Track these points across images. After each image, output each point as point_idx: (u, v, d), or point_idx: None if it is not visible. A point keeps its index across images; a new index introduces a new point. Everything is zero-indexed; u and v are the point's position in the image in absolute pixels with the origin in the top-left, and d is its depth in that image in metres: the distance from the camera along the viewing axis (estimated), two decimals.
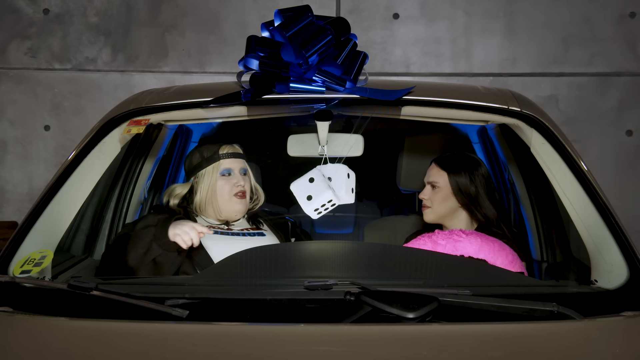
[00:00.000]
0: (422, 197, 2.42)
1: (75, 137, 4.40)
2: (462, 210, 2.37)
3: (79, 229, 2.38)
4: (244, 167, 2.39)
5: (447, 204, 2.36)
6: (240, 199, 2.33)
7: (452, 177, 2.35)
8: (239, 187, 2.33)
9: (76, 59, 4.57)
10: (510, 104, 2.24)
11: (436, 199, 2.37)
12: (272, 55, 2.17)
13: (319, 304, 1.58)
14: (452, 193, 2.35)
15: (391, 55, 4.55)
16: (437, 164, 2.41)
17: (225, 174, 2.34)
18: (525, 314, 1.55)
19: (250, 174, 2.42)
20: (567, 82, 4.48)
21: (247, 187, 2.37)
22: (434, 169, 2.41)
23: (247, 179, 2.39)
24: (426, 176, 2.43)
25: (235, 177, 2.35)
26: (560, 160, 2.03)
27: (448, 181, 2.36)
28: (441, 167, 2.38)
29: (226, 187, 2.32)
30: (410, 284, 1.68)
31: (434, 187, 2.38)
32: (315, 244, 2.29)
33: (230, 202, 2.32)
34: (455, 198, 2.35)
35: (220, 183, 2.33)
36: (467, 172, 2.35)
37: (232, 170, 2.36)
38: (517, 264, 2.09)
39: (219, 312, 1.60)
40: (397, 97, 2.18)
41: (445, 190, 2.36)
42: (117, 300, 1.58)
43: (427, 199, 2.39)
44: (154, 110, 2.28)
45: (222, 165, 2.35)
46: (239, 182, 2.34)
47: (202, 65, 4.57)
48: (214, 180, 2.33)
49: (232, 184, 2.33)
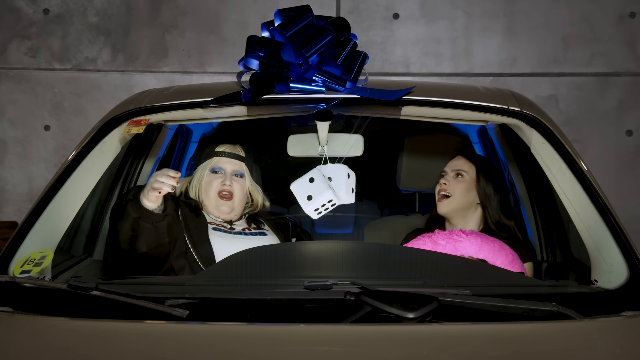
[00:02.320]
0: (442, 183, 2.35)
1: (75, 137, 4.40)
2: (478, 208, 2.34)
3: (79, 229, 2.38)
4: (239, 169, 2.37)
5: (468, 196, 2.32)
6: (225, 200, 2.32)
7: (480, 170, 2.32)
8: (225, 187, 2.32)
9: (76, 59, 4.57)
10: (510, 104, 2.24)
11: (459, 188, 2.32)
12: (272, 55, 2.17)
13: (319, 304, 1.58)
14: (476, 186, 2.32)
15: (391, 55, 4.55)
16: (464, 156, 2.38)
17: (215, 171, 2.35)
18: (525, 314, 1.55)
19: (248, 178, 2.39)
20: (567, 82, 4.48)
21: (237, 190, 2.34)
22: (461, 160, 2.37)
23: (239, 182, 2.36)
24: (448, 166, 2.39)
25: (225, 177, 2.34)
26: (560, 160, 2.03)
27: (475, 173, 2.32)
28: (469, 160, 2.36)
29: (213, 184, 2.32)
30: (410, 284, 1.68)
31: (459, 174, 2.34)
32: (315, 244, 2.29)
33: (215, 200, 2.32)
34: (477, 192, 2.32)
35: (208, 179, 2.33)
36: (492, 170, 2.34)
37: (223, 169, 2.35)
38: (517, 264, 2.09)
39: (219, 312, 1.60)
40: (397, 97, 2.18)
41: (470, 181, 2.32)
42: (117, 300, 1.58)
43: (449, 185, 2.33)
44: (154, 110, 2.28)
45: (214, 163, 2.35)
46: (225, 181, 2.33)
47: (202, 65, 4.57)
48: (204, 176, 2.34)
49: (219, 183, 2.32)
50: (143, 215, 2.04)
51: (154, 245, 2.06)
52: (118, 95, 4.29)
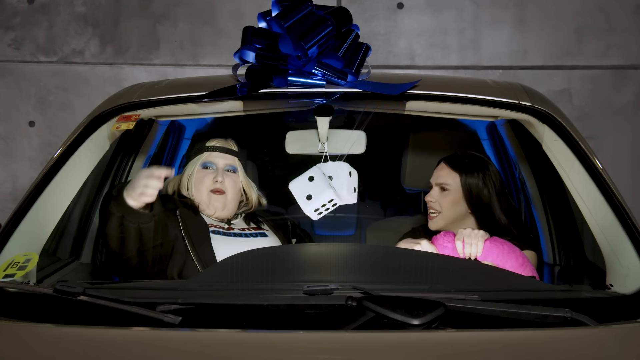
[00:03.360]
0: (428, 200, 2.36)
1: (62, 133, 4.39)
2: (471, 217, 2.32)
3: (65, 230, 2.38)
4: (232, 164, 2.38)
5: (457, 208, 2.31)
6: (217, 195, 2.32)
7: (464, 179, 2.30)
8: (217, 183, 2.32)
9: (62, 51, 4.57)
10: (520, 99, 2.24)
11: (446, 203, 2.31)
12: (270, 47, 2.17)
13: (319, 310, 1.58)
14: (463, 197, 2.30)
15: (395, 47, 4.54)
16: (447, 163, 2.35)
17: (207, 167, 2.35)
18: (536, 320, 1.55)
19: (241, 174, 2.40)
20: (581, 75, 4.47)
21: (230, 186, 2.34)
22: (443, 170, 2.35)
23: (232, 177, 2.36)
24: (433, 177, 2.38)
25: (217, 172, 2.34)
26: (574, 157, 2.03)
27: (459, 183, 2.30)
28: (452, 168, 2.33)
29: (204, 180, 2.32)
30: (416, 289, 1.68)
31: (444, 189, 2.32)
32: (315, 246, 2.29)
33: (208, 197, 2.32)
34: (465, 202, 2.31)
35: (199, 175, 2.34)
36: (480, 172, 2.30)
37: (214, 164, 2.35)
38: (527, 267, 2.09)
39: (214, 319, 1.60)
40: (401, 92, 2.18)
41: (455, 193, 2.30)
42: (105, 305, 1.57)
43: (435, 201, 2.33)
44: (145, 105, 2.28)
45: (205, 158, 2.35)
46: (217, 177, 2.33)
47: (195, 57, 4.57)
48: (194, 172, 2.34)
49: (211, 179, 2.32)
50: (127, 215, 1.97)
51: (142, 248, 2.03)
52: (107, 89, 4.28)
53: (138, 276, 2.05)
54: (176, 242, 2.15)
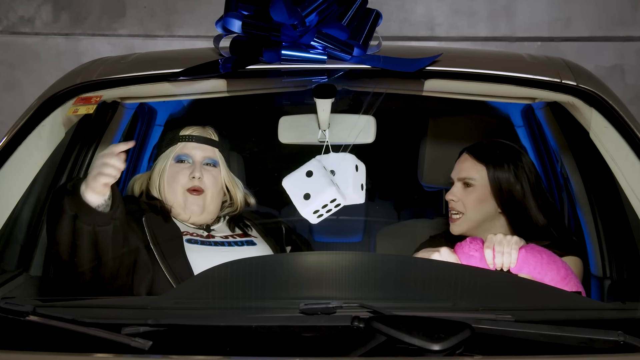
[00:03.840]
0: (450, 199, 2.37)
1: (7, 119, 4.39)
2: (502, 217, 2.33)
3: (11, 236, 2.38)
4: (211, 156, 2.37)
5: (483, 208, 2.32)
6: (195, 195, 2.32)
7: (492, 172, 2.30)
8: (194, 180, 2.31)
9: (8, 20, 4.57)
10: (563, 77, 2.24)
11: (470, 202, 2.32)
12: (259, 14, 2.17)
13: (319, 333, 1.58)
14: (492, 194, 2.31)
15: (411, 13, 4.55)
16: (471, 154, 2.36)
17: (181, 160, 2.34)
18: (582, 345, 1.55)
19: (223, 167, 2.39)
20: (636, 48, 4.48)
21: (209, 184, 2.33)
22: (467, 162, 2.36)
23: (212, 172, 2.35)
24: (455, 171, 2.39)
25: (193, 166, 2.33)
26: (628, 148, 2.03)
27: (487, 177, 2.31)
28: (477, 159, 2.34)
29: (179, 177, 2.31)
30: (436, 307, 1.68)
31: (468, 184, 2.33)
32: (314, 255, 2.30)
33: (183, 198, 2.31)
34: (494, 200, 2.32)
35: (172, 171, 2.33)
36: (512, 164, 2.31)
37: (190, 157, 2.34)
38: (571, 281, 2.09)
39: (190, 343, 1.60)
40: (418, 68, 2.18)
41: (482, 189, 2.31)
42: (60, 327, 1.58)
43: (458, 201, 2.34)
44: (108, 85, 2.28)
45: (179, 149, 2.35)
46: (194, 173, 2.31)
47: (169, 27, 4.57)
48: (166, 167, 2.34)
49: (187, 175, 2.31)
50: (82, 214, 1.93)
51: (98, 256, 1.99)
52: (62, 65, 4.28)
53: (97, 293, 2.04)
54: (139, 254, 2.13)
